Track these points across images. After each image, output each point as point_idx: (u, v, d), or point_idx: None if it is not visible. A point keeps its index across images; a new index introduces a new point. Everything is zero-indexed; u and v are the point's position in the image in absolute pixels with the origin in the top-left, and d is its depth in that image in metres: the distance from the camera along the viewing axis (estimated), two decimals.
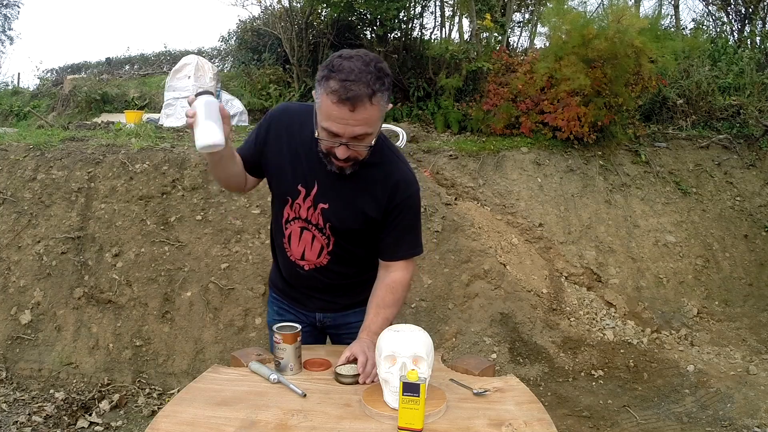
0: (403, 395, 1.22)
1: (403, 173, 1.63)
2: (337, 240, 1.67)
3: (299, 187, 1.63)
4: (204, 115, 1.36)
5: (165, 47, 12.96)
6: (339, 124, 1.39)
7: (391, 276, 1.68)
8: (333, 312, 1.84)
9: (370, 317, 1.64)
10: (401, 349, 1.31)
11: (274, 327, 1.52)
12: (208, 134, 1.35)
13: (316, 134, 1.49)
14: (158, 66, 11.29)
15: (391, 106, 1.52)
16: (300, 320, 1.82)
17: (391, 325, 1.56)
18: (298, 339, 1.51)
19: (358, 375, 1.48)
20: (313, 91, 1.47)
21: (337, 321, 1.85)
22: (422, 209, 1.99)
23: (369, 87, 1.36)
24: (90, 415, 3.13)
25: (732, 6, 8.31)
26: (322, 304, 1.82)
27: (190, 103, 1.39)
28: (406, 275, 1.69)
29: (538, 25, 7.62)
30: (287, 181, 1.63)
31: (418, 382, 1.22)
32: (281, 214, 1.70)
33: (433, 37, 7.58)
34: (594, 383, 3.56)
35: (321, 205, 1.62)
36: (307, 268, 1.74)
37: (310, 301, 1.83)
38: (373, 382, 1.48)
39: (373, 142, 1.48)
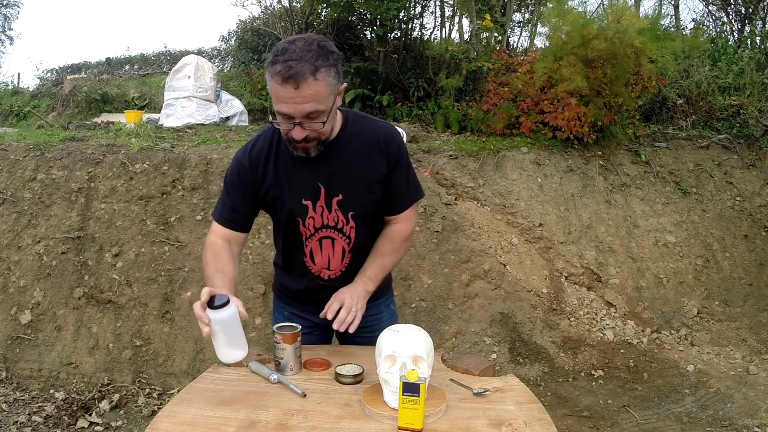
0: (403, 395, 1.22)
1: (384, 129, 1.66)
2: (358, 229, 1.68)
3: (304, 202, 1.62)
4: (224, 334, 1.37)
5: (165, 47, 12.99)
6: (288, 104, 1.41)
7: (392, 227, 1.74)
8: None
9: (367, 263, 1.71)
10: (401, 349, 1.31)
11: (274, 327, 1.52)
12: (233, 353, 1.38)
13: (271, 120, 1.54)
14: (158, 66, 11.30)
15: (345, 85, 1.55)
16: (314, 325, 1.83)
17: (386, 273, 1.72)
18: (298, 339, 1.51)
19: (358, 375, 1.48)
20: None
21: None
22: (422, 209, 2.03)
23: (311, 63, 1.38)
24: (90, 415, 3.13)
25: (732, 6, 8.31)
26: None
27: (203, 306, 1.36)
28: (406, 227, 1.74)
29: (538, 25, 7.63)
30: (290, 202, 1.63)
31: (418, 382, 1.21)
32: (296, 235, 1.69)
33: (433, 37, 7.59)
34: (594, 383, 3.56)
35: (336, 200, 1.62)
36: (327, 277, 1.74)
37: (323, 305, 1.80)
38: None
39: (326, 119, 1.47)
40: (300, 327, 1.54)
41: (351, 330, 1.58)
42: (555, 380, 3.57)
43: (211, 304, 1.37)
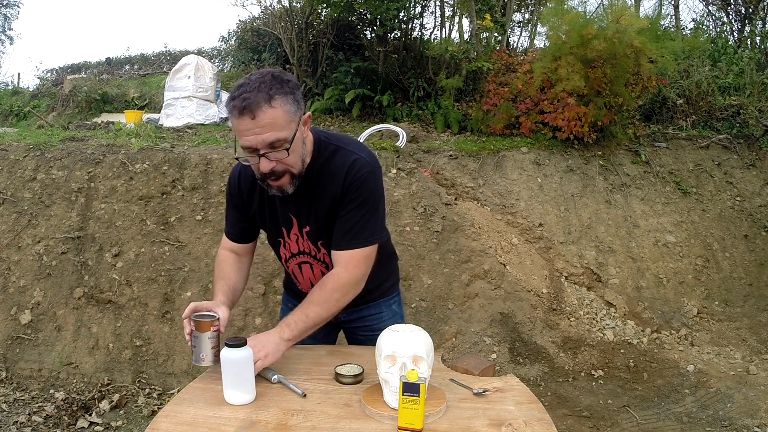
0: (403, 395, 1.22)
1: (351, 160, 1.57)
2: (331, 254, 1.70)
3: (282, 229, 1.71)
4: (234, 375, 1.37)
5: (165, 47, 13.00)
6: (248, 137, 1.41)
7: (331, 272, 1.61)
8: (348, 309, 1.84)
9: (294, 309, 1.58)
10: (401, 349, 1.31)
11: (192, 315, 1.49)
12: (239, 396, 1.38)
13: (237, 157, 1.54)
14: (158, 66, 11.30)
15: (309, 114, 1.54)
16: None
17: (313, 325, 1.55)
18: (212, 329, 1.46)
19: (358, 375, 1.48)
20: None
21: (352, 316, 1.87)
22: (422, 209, 1.99)
23: (265, 93, 1.39)
24: (90, 415, 3.13)
25: (732, 6, 8.31)
26: None
27: (188, 316, 1.49)
28: (344, 274, 1.58)
29: (538, 25, 7.63)
30: (272, 227, 1.72)
31: (418, 382, 1.21)
32: (279, 256, 1.80)
33: (433, 37, 7.59)
34: (594, 383, 3.56)
35: (305, 230, 1.67)
36: None
37: None
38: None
39: (290, 146, 1.45)
40: (218, 317, 1.49)
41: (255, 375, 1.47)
42: (555, 380, 3.57)
43: (228, 343, 1.38)
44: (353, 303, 1.81)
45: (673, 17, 8.10)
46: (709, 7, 8.82)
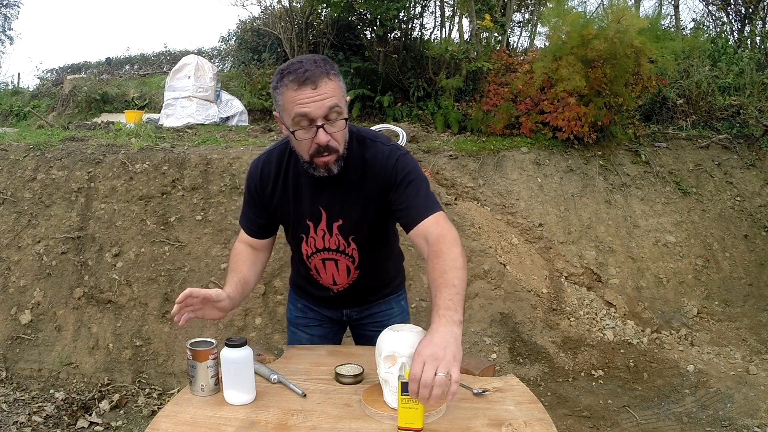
0: (402, 395, 1.22)
1: (382, 148, 1.59)
2: (360, 249, 1.68)
3: (307, 222, 1.66)
4: (233, 374, 1.36)
5: (165, 47, 13.00)
6: (308, 104, 1.41)
7: (431, 239, 1.47)
8: (360, 306, 1.88)
9: (434, 300, 1.35)
10: (401, 349, 1.31)
11: (188, 342, 1.44)
12: (238, 396, 1.37)
13: (291, 134, 1.47)
14: (158, 66, 11.30)
15: (349, 98, 1.55)
16: (326, 318, 1.90)
17: (464, 289, 1.33)
18: (211, 357, 1.40)
19: (358, 375, 1.48)
20: (275, 113, 1.53)
21: (363, 313, 1.88)
22: None
23: (322, 68, 1.43)
24: (90, 415, 3.13)
25: (732, 6, 8.31)
26: (352, 304, 1.87)
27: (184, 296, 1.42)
28: (444, 231, 1.46)
29: (538, 25, 7.63)
30: (295, 220, 1.68)
31: None
32: (300, 252, 1.73)
33: (433, 37, 7.59)
34: (594, 383, 3.56)
35: (336, 225, 1.64)
36: (336, 290, 1.78)
37: (337, 302, 1.86)
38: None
39: (344, 125, 1.48)
40: (215, 343, 1.43)
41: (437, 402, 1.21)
42: (555, 380, 3.57)
43: (228, 342, 1.37)
44: (364, 301, 1.85)
45: (673, 17, 8.10)
46: (709, 7, 8.83)
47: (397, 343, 1.33)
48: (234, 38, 10.15)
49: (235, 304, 1.58)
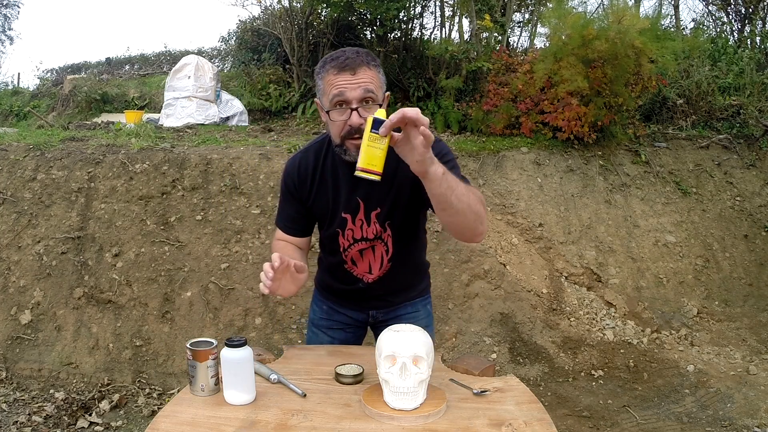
0: (370, 132, 1.18)
1: None
2: (396, 237, 1.70)
3: (344, 215, 1.68)
4: (233, 374, 1.36)
5: (165, 47, 13.00)
6: (344, 87, 1.49)
7: None
8: (386, 308, 1.88)
9: None
10: (401, 349, 1.31)
11: (188, 342, 1.44)
12: (237, 396, 1.37)
13: (327, 115, 1.54)
14: (158, 66, 11.31)
15: (389, 94, 1.61)
16: (350, 321, 1.89)
17: (454, 189, 1.37)
18: (211, 357, 1.40)
19: (358, 375, 1.48)
20: (317, 99, 1.61)
21: (389, 315, 1.88)
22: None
23: (362, 58, 1.52)
24: (90, 415, 3.13)
25: (732, 6, 8.31)
26: (377, 303, 1.86)
27: (271, 266, 1.41)
28: (478, 197, 1.49)
29: (538, 25, 7.63)
30: (333, 213, 1.70)
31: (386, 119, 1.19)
32: (336, 245, 1.74)
33: (433, 37, 7.58)
34: (594, 383, 3.56)
35: (374, 213, 1.67)
36: (368, 281, 1.78)
37: (364, 302, 1.86)
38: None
39: (381, 105, 1.53)
40: (215, 343, 1.43)
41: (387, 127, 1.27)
42: (555, 380, 3.57)
43: (228, 342, 1.37)
44: (390, 302, 1.86)
45: (673, 17, 8.10)
46: (709, 7, 8.82)
47: (397, 343, 1.33)
48: (234, 38, 10.15)
49: (305, 280, 1.56)
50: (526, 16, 8.28)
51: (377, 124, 1.24)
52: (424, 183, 1.37)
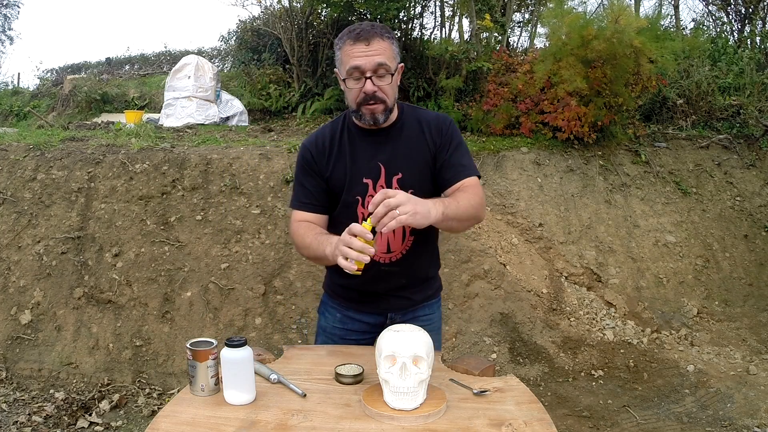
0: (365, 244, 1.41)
1: (437, 114, 1.80)
2: None
3: (365, 181, 1.69)
4: (233, 374, 1.36)
5: (165, 47, 12.99)
6: (359, 57, 1.58)
7: (463, 188, 1.70)
8: (404, 310, 1.84)
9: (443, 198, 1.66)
10: (401, 349, 1.31)
11: (188, 342, 1.44)
12: (237, 396, 1.37)
13: (343, 83, 1.63)
14: (158, 66, 11.30)
15: (402, 65, 1.70)
16: (366, 328, 1.84)
17: (459, 213, 1.59)
18: (211, 357, 1.40)
19: (358, 375, 1.48)
20: (336, 71, 1.69)
21: (407, 316, 1.84)
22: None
23: (378, 29, 1.61)
24: (90, 415, 3.13)
25: (732, 6, 8.31)
26: (397, 302, 1.82)
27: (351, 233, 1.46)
28: (474, 191, 1.67)
29: (538, 25, 7.63)
30: (351, 180, 1.70)
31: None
32: (354, 217, 1.70)
33: (433, 37, 7.59)
34: (594, 383, 3.56)
35: (396, 178, 1.69)
36: (387, 261, 1.74)
37: (383, 302, 1.81)
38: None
39: (392, 81, 1.62)
40: (215, 343, 1.42)
41: (384, 230, 1.43)
42: (555, 380, 3.57)
43: (228, 342, 1.37)
44: (409, 301, 1.84)
45: (673, 17, 8.09)
46: (709, 7, 8.82)
47: (397, 343, 1.33)
48: (234, 38, 10.14)
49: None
50: (526, 16, 8.29)
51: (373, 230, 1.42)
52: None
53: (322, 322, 1.93)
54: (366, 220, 1.46)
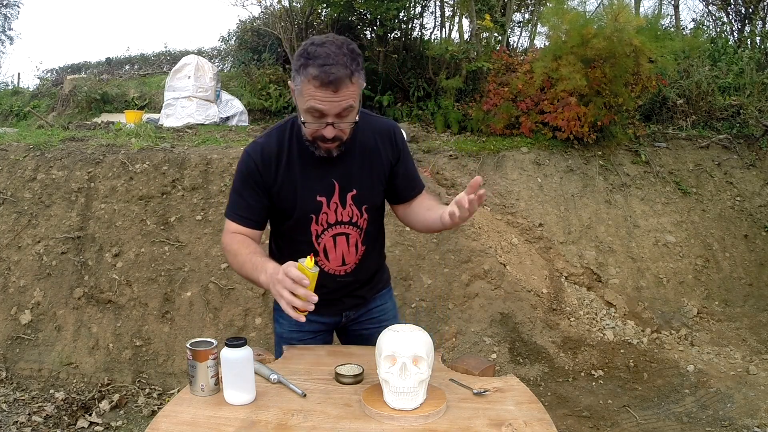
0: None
1: (386, 122, 1.75)
2: (370, 219, 1.70)
3: (318, 199, 1.62)
4: (233, 374, 1.36)
5: (165, 47, 12.98)
6: (324, 102, 1.43)
7: (426, 197, 1.79)
8: (357, 308, 1.86)
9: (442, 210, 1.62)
10: (401, 349, 1.31)
11: (188, 342, 1.43)
12: (238, 396, 1.37)
13: (300, 120, 1.51)
14: (158, 66, 11.30)
15: (364, 84, 1.57)
16: (322, 327, 1.83)
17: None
18: (211, 357, 1.40)
19: (358, 375, 1.48)
20: (290, 81, 1.52)
21: (360, 310, 1.86)
22: None
23: (347, 68, 1.42)
24: (90, 415, 3.13)
25: (732, 6, 8.30)
26: (351, 302, 1.83)
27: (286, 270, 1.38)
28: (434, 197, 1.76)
29: (538, 25, 7.63)
30: (303, 198, 1.62)
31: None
32: (308, 234, 1.65)
33: (433, 37, 7.59)
34: (594, 383, 3.56)
35: (350, 195, 1.64)
36: (343, 273, 1.72)
37: (338, 304, 1.81)
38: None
39: (354, 117, 1.52)
40: (215, 343, 1.41)
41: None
42: (555, 380, 3.57)
43: (228, 342, 1.37)
44: (363, 299, 1.84)
45: (673, 17, 8.10)
46: (709, 7, 8.82)
47: (397, 343, 1.33)
48: (234, 38, 10.15)
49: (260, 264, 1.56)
50: (526, 16, 8.29)
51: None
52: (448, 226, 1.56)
53: (278, 330, 1.89)
54: (306, 258, 1.39)
